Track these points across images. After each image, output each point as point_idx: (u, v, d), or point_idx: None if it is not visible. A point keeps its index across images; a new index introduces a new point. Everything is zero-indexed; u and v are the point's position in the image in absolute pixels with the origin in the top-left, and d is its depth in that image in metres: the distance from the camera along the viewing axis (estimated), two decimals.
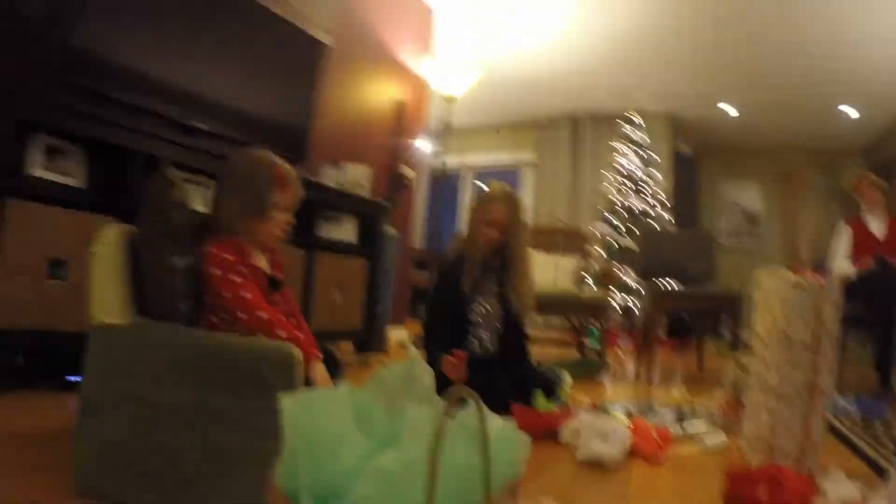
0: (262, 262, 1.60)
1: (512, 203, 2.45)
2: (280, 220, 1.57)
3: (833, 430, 2.41)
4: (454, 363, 2.16)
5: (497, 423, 0.98)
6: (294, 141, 3.25)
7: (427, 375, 1.11)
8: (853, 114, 7.28)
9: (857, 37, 5.43)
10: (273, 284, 1.62)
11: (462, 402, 0.86)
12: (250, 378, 1.26)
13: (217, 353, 1.32)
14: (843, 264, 3.93)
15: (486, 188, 2.57)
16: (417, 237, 7.90)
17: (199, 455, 1.23)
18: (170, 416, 1.27)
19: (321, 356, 1.47)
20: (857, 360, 4.21)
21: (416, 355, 1.57)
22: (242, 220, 1.52)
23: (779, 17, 5.26)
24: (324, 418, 0.95)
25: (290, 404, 0.94)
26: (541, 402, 2.16)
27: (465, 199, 8.90)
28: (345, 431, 0.94)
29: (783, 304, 2.25)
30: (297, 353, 1.28)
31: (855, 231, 3.99)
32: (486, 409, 0.87)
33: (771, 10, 5.15)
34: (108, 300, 1.35)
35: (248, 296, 1.45)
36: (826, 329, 2.24)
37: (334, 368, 1.52)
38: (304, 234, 2.90)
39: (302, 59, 3.40)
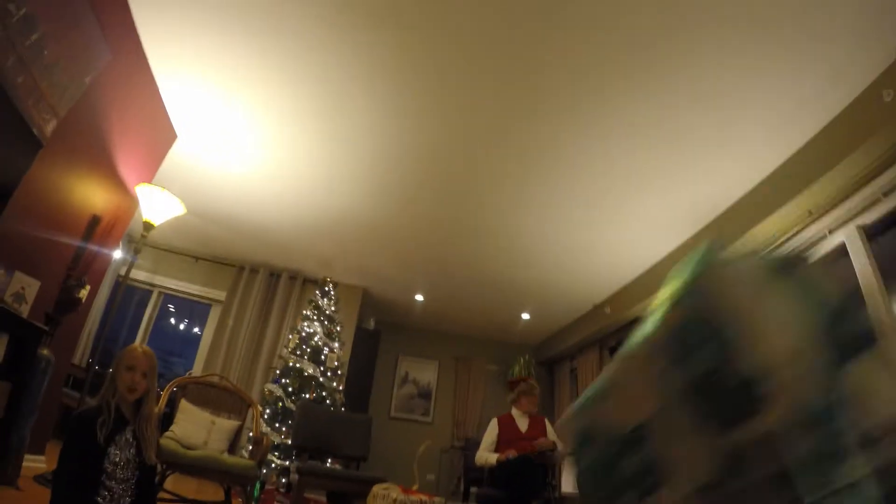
0: None
1: (150, 356, 2.52)
2: None
3: None
4: None
5: None
6: None
7: None
8: (525, 316, 8.66)
9: (535, 260, 6.73)
10: None
11: None
12: None
13: None
14: (485, 455, 4.56)
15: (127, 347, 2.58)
16: (81, 350, 7.12)
17: None
18: None
19: None
20: None
21: None
22: None
23: (469, 231, 6.27)
24: None
25: None
26: None
27: (149, 317, 8.36)
28: None
29: None
30: None
31: (502, 427, 4.71)
32: None
33: (463, 223, 6.12)
34: None
35: None
36: None
37: None
38: None
39: (13, 152, 3.14)
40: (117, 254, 7.11)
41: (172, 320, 9.10)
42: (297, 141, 5.15)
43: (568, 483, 8.07)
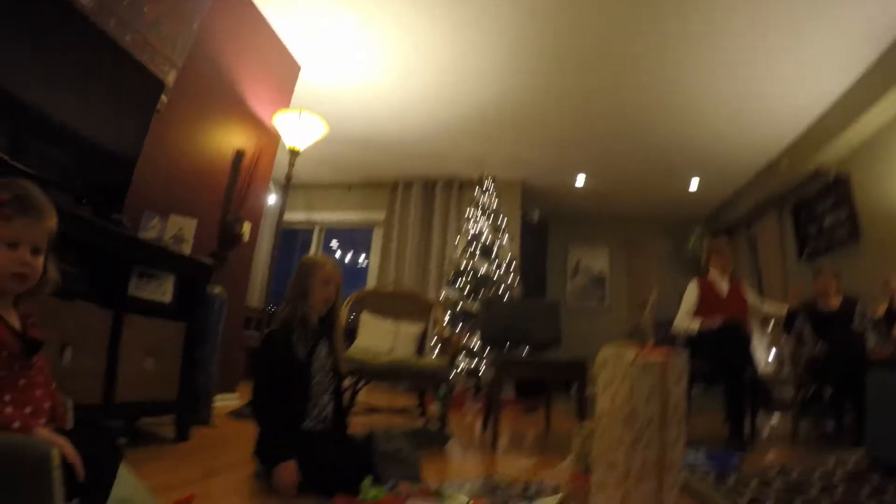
0: (12, 317, 1.22)
1: (338, 267, 2.50)
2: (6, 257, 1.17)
3: (686, 488, 2.38)
4: (289, 472, 2.01)
5: None
6: (113, 185, 2.85)
7: None
8: (693, 186, 7.84)
9: (700, 117, 5.93)
10: (29, 348, 1.22)
11: None
12: None
13: None
14: (687, 321, 4.13)
15: (314, 258, 2.54)
16: (257, 295, 7.42)
17: None
18: None
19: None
20: (702, 410, 4.36)
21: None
22: None
23: (626, 98, 5.63)
24: None
25: None
26: (369, 489, 1.93)
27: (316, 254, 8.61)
28: None
29: (628, 383, 2.19)
30: (56, 454, 0.99)
31: (703, 290, 4.23)
32: None
33: (619, 90, 5.49)
34: None
35: None
36: (673, 405, 2.19)
37: (112, 456, 1.22)
38: (111, 292, 2.52)
39: (136, 95, 3.02)
40: (272, 199, 7.26)
41: (337, 255, 9.33)
42: (426, 33, 4.75)
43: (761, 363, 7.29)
